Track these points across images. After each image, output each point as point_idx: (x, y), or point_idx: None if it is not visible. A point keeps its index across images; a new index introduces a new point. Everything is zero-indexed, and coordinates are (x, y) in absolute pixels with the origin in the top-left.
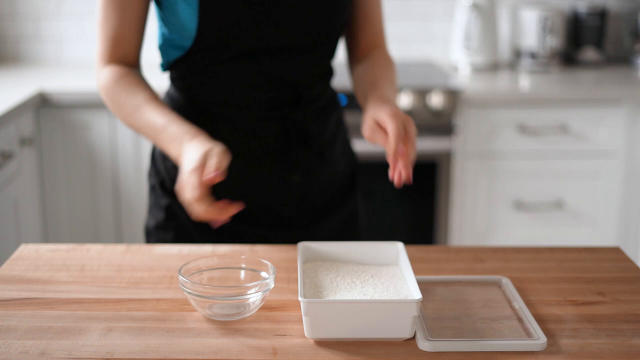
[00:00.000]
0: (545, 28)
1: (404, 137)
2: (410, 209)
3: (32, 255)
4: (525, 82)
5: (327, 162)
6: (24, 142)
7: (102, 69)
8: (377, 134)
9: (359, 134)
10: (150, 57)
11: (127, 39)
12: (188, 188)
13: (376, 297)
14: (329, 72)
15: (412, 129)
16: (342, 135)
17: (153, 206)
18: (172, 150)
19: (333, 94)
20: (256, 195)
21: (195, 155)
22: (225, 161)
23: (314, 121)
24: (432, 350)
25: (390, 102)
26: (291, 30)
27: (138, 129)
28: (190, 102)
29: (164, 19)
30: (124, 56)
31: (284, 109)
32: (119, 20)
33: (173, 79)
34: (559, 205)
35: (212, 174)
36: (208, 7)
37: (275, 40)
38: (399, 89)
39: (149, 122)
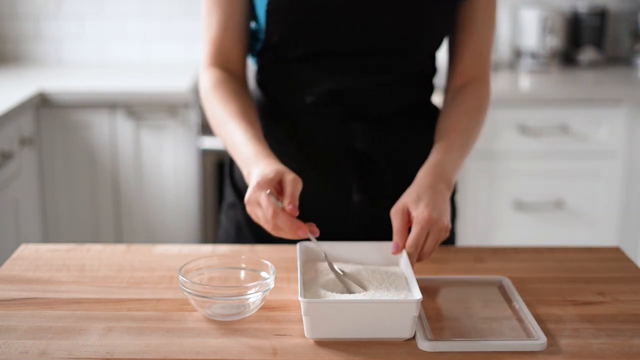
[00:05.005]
0: (545, 28)
1: (418, 247)
2: None
3: (32, 255)
4: (525, 82)
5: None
6: (24, 142)
7: (204, 72)
8: (396, 222)
9: None
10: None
11: (229, 40)
12: (255, 205)
13: (376, 297)
14: (409, 92)
15: (437, 237)
16: None
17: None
18: (243, 170)
19: (424, 124)
20: (309, 205)
21: (265, 172)
22: (297, 191)
23: (383, 141)
24: (432, 350)
25: (435, 194)
26: (358, 35)
27: (223, 143)
28: (262, 97)
29: (254, 11)
30: (227, 61)
31: (347, 120)
32: (221, 18)
33: (255, 72)
34: (559, 205)
35: (289, 206)
36: (276, 5)
37: (343, 44)
38: None
39: (229, 138)
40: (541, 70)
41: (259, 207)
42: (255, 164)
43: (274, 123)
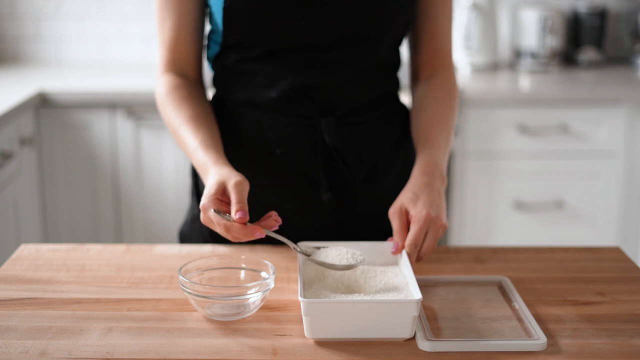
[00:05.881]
0: (545, 28)
1: (418, 246)
2: None
3: (32, 255)
4: (525, 82)
5: (377, 191)
6: (24, 142)
7: (160, 78)
8: (395, 223)
9: None
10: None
11: (183, 43)
12: (210, 224)
13: (376, 297)
14: (375, 85)
15: (436, 234)
16: (408, 168)
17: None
18: (201, 175)
19: (391, 118)
20: (279, 209)
21: (208, 188)
22: (244, 193)
23: (351, 136)
24: (432, 350)
25: (431, 192)
26: (320, 28)
27: (180, 147)
28: (224, 102)
29: (209, 13)
30: (182, 65)
31: (313, 118)
32: (174, 21)
33: (213, 77)
34: (559, 205)
35: (237, 215)
36: (233, 2)
37: (305, 39)
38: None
39: (184, 143)
40: (541, 70)
41: (214, 225)
42: (205, 173)
43: (238, 126)
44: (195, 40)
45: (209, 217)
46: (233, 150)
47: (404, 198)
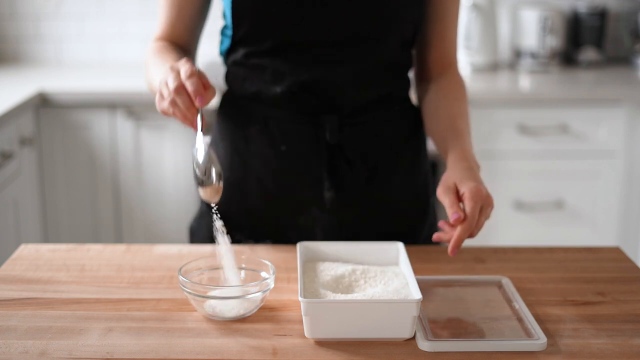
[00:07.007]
0: (545, 28)
1: (474, 222)
2: None
3: (32, 255)
4: (525, 82)
5: (379, 191)
6: (24, 142)
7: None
8: (448, 198)
9: None
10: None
11: (177, 30)
12: (171, 72)
13: (376, 297)
14: (376, 85)
15: (487, 212)
16: (411, 170)
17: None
18: (157, 79)
19: (395, 119)
20: (283, 206)
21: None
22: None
23: (355, 134)
24: (432, 350)
25: (475, 173)
26: (326, 25)
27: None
28: (234, 97)
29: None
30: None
31: (318, 115)
32: (173, 12)
33: (226, 72)
34: (559, 205)
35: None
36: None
37: (306, 37)
38: None
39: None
40: (541, 70)
41: (174, 73)
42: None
43: (247, 121)
44: (188, 29)
45: (183, 65)
46: (241, 145)
47: (452, 177)
